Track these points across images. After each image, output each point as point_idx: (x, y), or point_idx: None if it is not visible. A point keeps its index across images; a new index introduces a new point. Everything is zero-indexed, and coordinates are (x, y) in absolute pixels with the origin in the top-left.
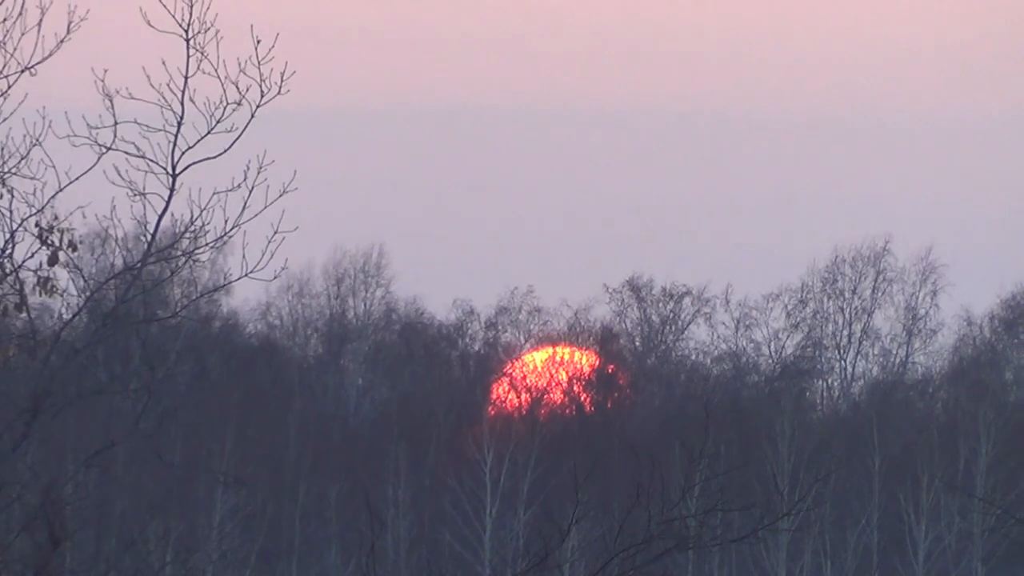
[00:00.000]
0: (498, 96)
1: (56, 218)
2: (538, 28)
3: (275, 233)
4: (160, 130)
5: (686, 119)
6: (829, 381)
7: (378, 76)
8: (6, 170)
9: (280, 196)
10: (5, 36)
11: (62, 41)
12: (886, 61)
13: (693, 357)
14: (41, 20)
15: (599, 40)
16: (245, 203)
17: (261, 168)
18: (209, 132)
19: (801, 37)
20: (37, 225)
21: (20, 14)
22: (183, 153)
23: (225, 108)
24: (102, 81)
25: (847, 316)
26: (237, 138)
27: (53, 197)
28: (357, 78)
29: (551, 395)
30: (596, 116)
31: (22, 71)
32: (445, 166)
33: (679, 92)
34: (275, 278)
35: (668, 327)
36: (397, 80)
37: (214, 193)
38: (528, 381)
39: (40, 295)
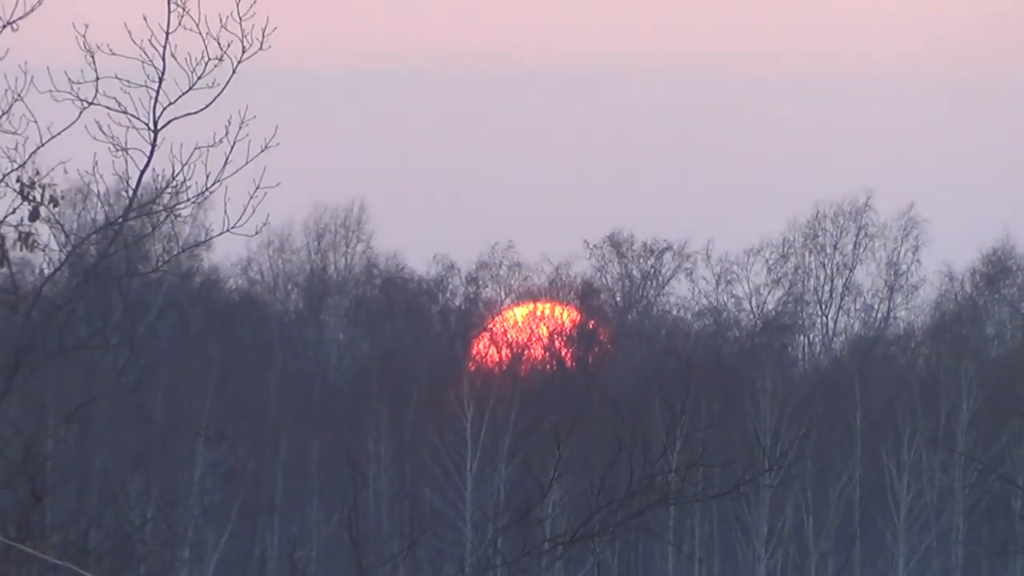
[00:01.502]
0: (479, 54)
1: (38, 173)
2: None
3: (256, 188)
4: (142, 85)
5: (666, 75)
6: (810, 336)
7: (359, 34)
8: None
9: (261, 152)
10: None
11: None
12: (867, 17)
13: (674, 312)
14: None
15: None
16: (227, 158)
17: (243, 124)
18: (191, 88)
19: None
20: (19, 180)
21: None
22: (164, 108)
23: (207, 64)
24: (83, 36)
25: (828, 271)
26: (219, 94)
27: (35, 152)
28: (338, 36)
29: (532, 351)
30: (577, 73)
31: (3, 26)
32: (426, 122)
33: (658, 49)
34: (256, 233)
35: (649, 282)
36: (378, 38)
37: (196, 148)
38: (509, 336)
39: (21, 250)
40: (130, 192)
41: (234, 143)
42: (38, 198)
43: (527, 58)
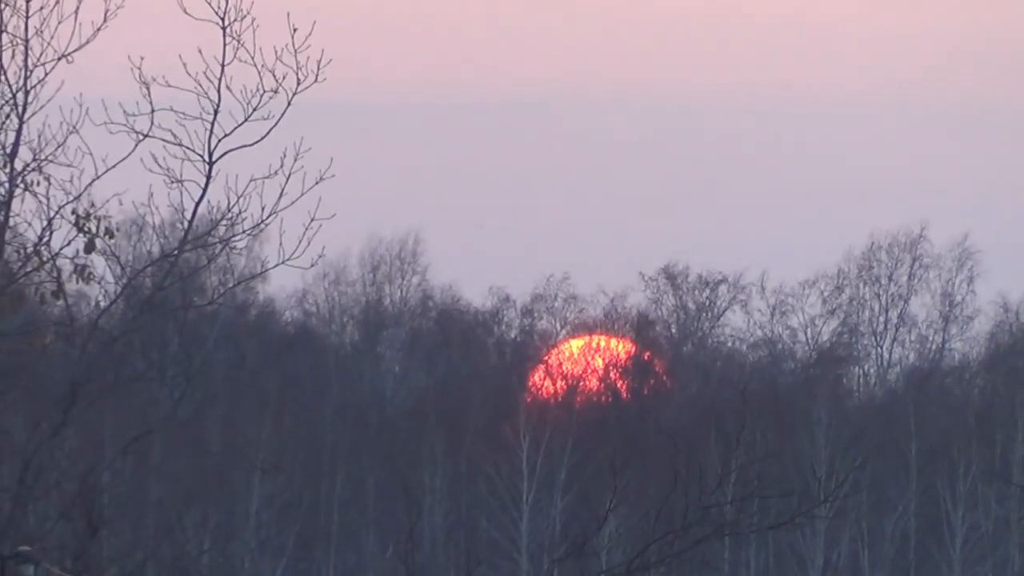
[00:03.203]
0: (534, 84)
1: (93, 205)
2: (573, 16)
3: (312, 220)
4: (197, 118)
5: (720, 106)
6: (865, 368)
7: (414, 64)
8: (44, 157)
9: (316, 183)
10: (43, 24)
11: (99, 29)
12: (923, 46)
13: (729, 344)
14: (78, 8)
15: (631, 27)
16: (282, 190)
17: (298, 156)
18: (246, 120)
19: (833, 22)
20: (74, 212)
21: (57, 2)
22: (219, 140)
23: (261, 96)
24: (139, 69)
25: (883, 302)
26: (274, 126)
27: (90, 184)
28: (393, 66)
29: (587, 382)
30: (632, 104)
31: (59, 58)
32: (481, 153)
33: (714, 79)
34: (312, 265)
35: (704, 314)
36: (433, 68)
37: (251, 180)
38: (564, 368)
39: (77, 282)
40: (185, 224)
41: (289, 175)
42: (93, 230)
43: (581, 89)
